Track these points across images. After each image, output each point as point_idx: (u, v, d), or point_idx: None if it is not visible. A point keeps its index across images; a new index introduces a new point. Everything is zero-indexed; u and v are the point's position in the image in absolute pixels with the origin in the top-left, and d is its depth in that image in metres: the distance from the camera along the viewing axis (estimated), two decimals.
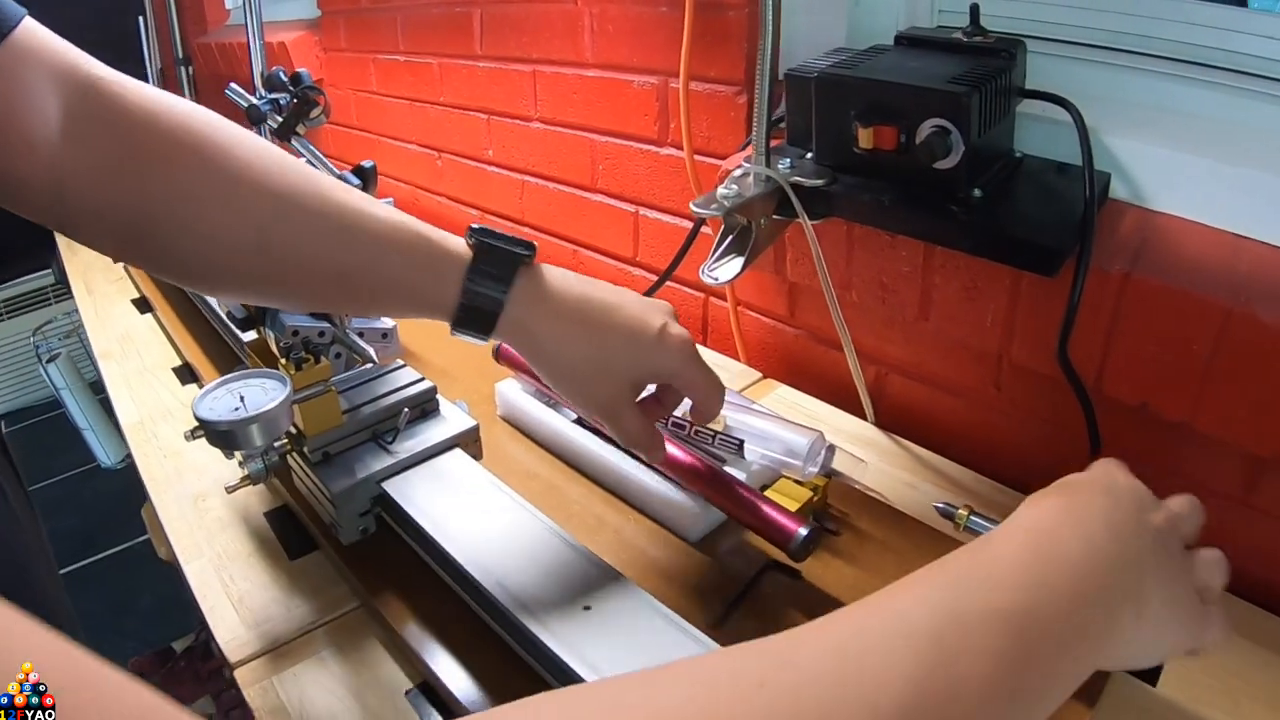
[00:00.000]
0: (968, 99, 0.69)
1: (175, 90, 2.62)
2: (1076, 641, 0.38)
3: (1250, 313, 0.65)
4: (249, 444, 0.67)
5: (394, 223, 0.59)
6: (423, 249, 0.59)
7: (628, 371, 0.60)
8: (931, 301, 0.84)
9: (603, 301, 0.61)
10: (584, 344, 0.59)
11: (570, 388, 0.61)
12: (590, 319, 0.60)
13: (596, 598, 0.58)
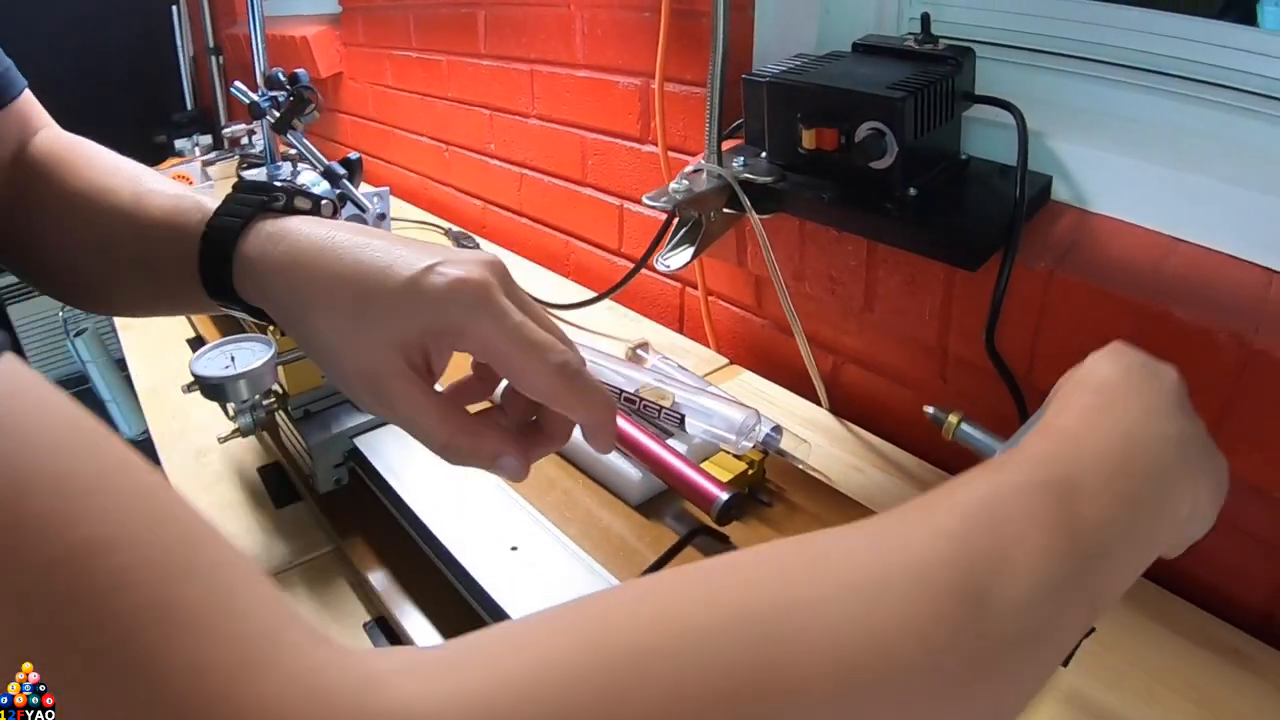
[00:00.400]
0: (902, 103, 0.75)
1: (205, 79, 2.72)
2: (1127, 513, 0.38)
3: (1166, 310, 0.69)
4: (237, 397, 0.75)
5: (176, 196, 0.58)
6: (187, 204, 0.57)
7: (386, 326, 0.44)
8: (876, 294, 0.90)
9: (352, 241, 0.47)
10: (326, 290, 0.46)
11: (321, 350, 0.47)
12: (334, 260, 0.46)
13: (524, 540, 0.65)
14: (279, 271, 0.48)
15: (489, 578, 0.62)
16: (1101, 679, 0.66)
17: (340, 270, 0.46)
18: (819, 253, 0.92)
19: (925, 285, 0.85)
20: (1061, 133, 0.84)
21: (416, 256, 0.45)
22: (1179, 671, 0.67)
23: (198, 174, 1.94)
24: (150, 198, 0.58)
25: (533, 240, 1.55)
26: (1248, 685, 0.65)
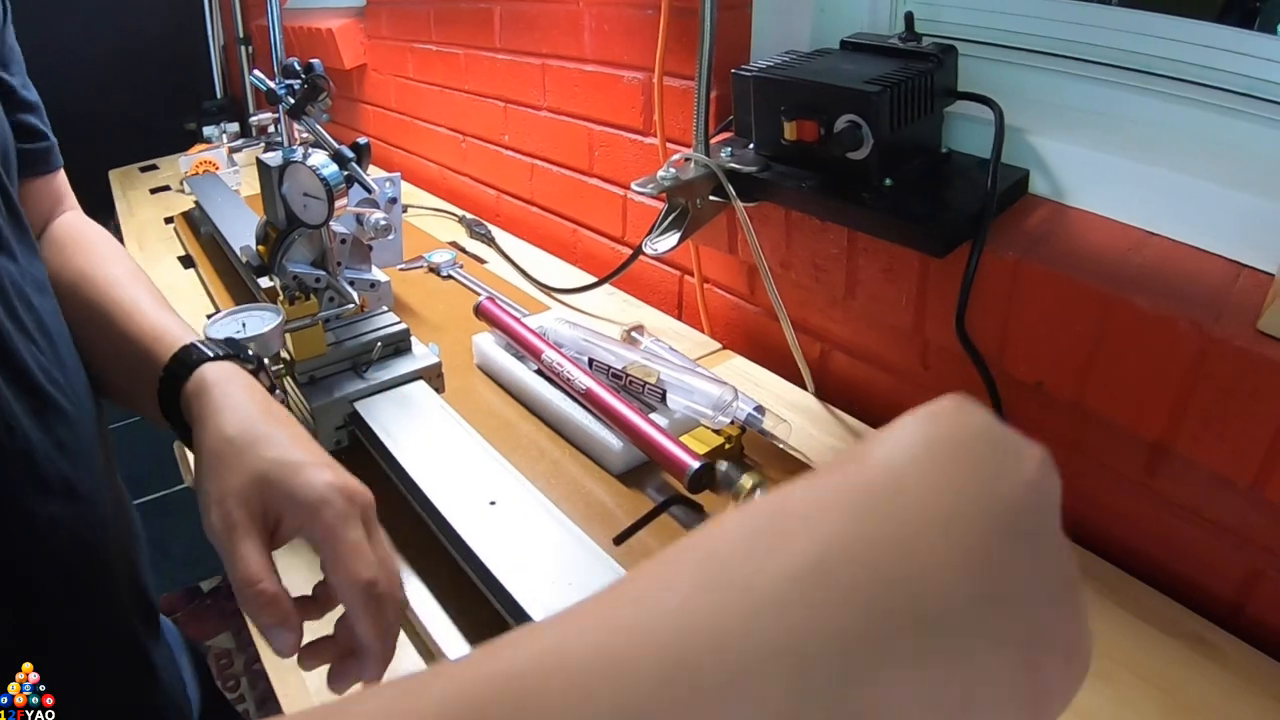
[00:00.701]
0: (877, 97, 0.79)
1: (235, 68, 2.79)
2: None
3: (1128, 299, 0.71)
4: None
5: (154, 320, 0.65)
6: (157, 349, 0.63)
7: (250, 473, 0.52)
8: (857, 281, 0.94)
9: (274, 421, 0.57)
10: (246, 426, 0.55)
11: (202, 465, 0.54)
12: (209, 463, 0.54)
13: (503, 496, 0.70)
14: (220, 400, 0.57)
15: (468, 529, 0.67)
16: None
17: (253, 430, 0.54)
18: (803, 241, 0.96)
19: (902, 273, 0.89)
20: (1042, 129, 0.87)
21: (305, 448, 0.54)
22: (1141, 657, 0.68)
23: (224, 159, 2.00)
24: (139, 311, 0.65)
25: (542, 228, 1.60)
26: (1212, 673, 0.67)
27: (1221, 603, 0.75)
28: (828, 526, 0.22)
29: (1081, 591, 0.26)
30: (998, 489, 0.24)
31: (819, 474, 0.24)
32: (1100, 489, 0.83)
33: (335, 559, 0.50)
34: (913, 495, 0.23)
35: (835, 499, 0.23)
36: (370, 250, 0.96)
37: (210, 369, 0.59)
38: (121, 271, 0.71)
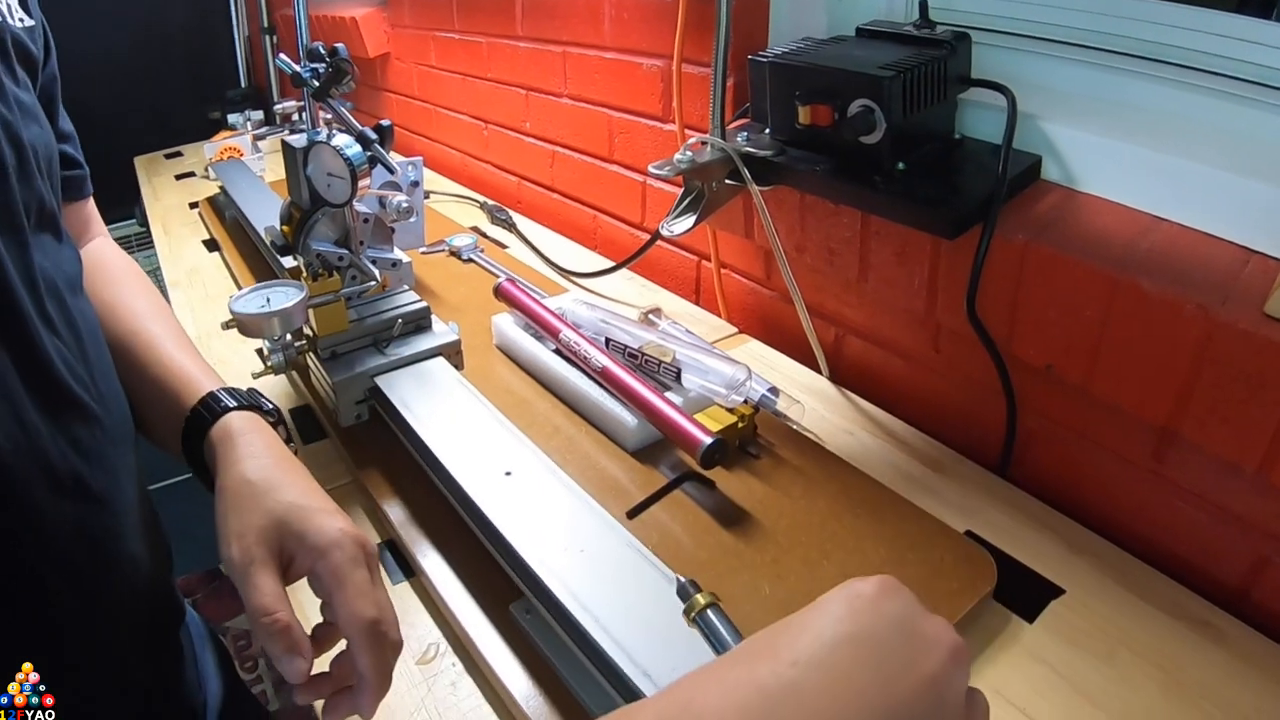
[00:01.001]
0: (890, 82, 0.80)
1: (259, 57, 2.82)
2: None
3: (1135, 282, 0.71)
4: (270, 333, 0.82)
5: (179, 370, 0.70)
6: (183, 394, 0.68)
7: (269, 514, 0.57)
8: (870, 265, 0.95)
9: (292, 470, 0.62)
10: (266, 471, 0.60)
11: (223, 504, 0.59)
12: (227, 503, 0.59)
13: (517, 467, 0.72)
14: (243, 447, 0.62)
15: (484, 499, 0.69)
16: (1064, 636, 0.69)
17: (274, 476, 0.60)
18: (818, 225, 0.97)
19: (914, 257, 0.90)
20: (1054, 115, 0.88)
21: (323, 499, 0.59)
22: (1144, 637, 0.69)
23: (248, 146, 2.03)
24: (162, 350, 0.71)
25: (563, 215, 1.62)
26: (1214, 656, 0.67)
27: (1227, 588, 0.76)
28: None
29: None
30: (898, 688, 0.27)
31: (736, 662, 0.28)
32: (1108, 474, 0.84)
33: (342, 597, 0.53)
34: (810, 704, 0.25)
35: (738, 701, 0.26)
36: (393, 232, 0.98)
37: (234, 418, 0.65)
38: (147, 306, 0.75)
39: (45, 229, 0.60)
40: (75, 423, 0.56)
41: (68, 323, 0.58)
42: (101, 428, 0.59)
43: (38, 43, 0.65)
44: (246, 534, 0.56)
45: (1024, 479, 0.90)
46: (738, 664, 0.28)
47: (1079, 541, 0.80)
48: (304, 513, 0.57)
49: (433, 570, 0.73)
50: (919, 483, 0.87)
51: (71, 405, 0.56)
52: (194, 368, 0.70)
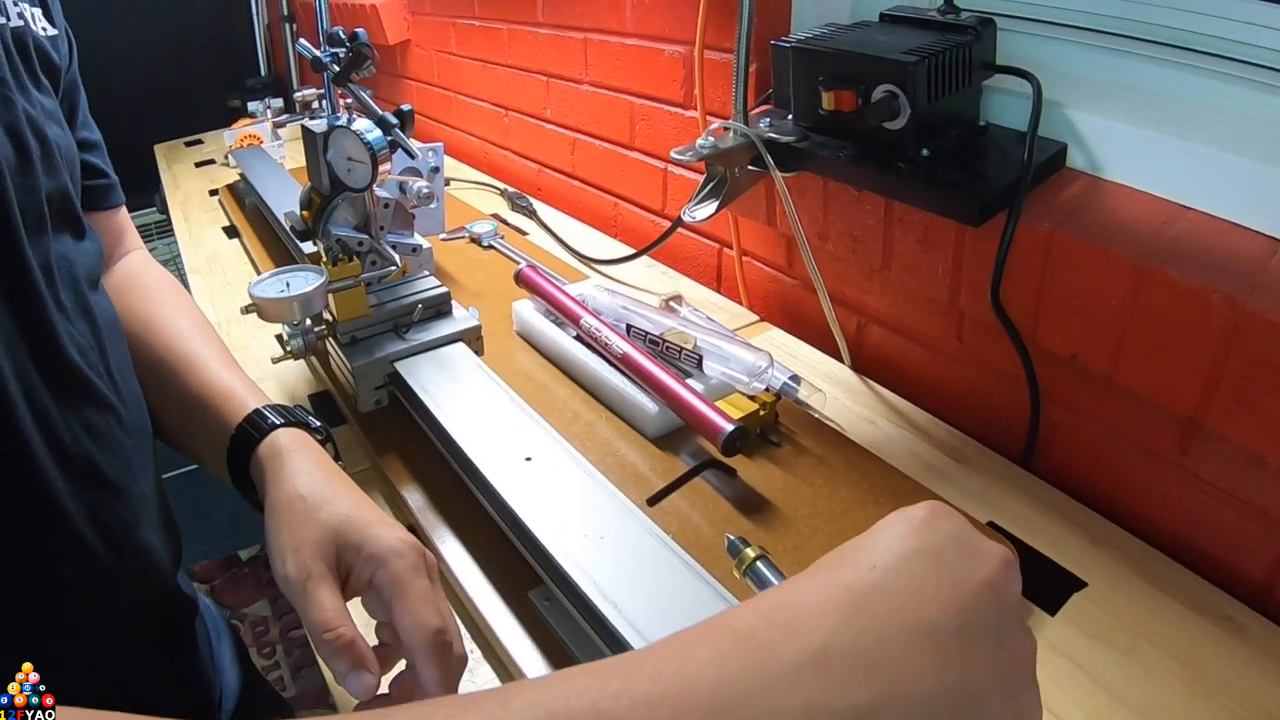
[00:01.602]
0: (914, 67, 0.79)
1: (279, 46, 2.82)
2: None
3: (1161, 271, 0.71)
4: (290, 318, 0.82)
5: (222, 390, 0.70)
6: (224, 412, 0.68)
7: (324, 528, 0.56)
8: (893, 253, 0.94)
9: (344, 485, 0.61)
10: (318, 484, 0.59)
11: (276, 520, 0.58)
12: (279, 519, 0.58)
13: (537, 453, 0.72)
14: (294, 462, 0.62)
15: (503, 484, 0.69)
16: (1085, 630, 0.68)
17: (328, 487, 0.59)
18: (840, 212, 0.97)
19: (938, 244, 0.89)
20: (1080, 103, 0.87)
21: (389, 518, 0.58)
22: (1166, 631, 0.68)
23: (268, 134, 2.04)
24: (205, 368, 0.71)
25: (584, 202, 1.62)
26: (1236, 652, 0.66)
27: (1251, 584, 0.75)
28: (828, 621, 0.29)
29: (1033, 688, 0.32)
30: (963, 591, 0.31)
31: (819, 570, 0.32)
32: (1132, 466, 0.83)
33: (405, 606, 0.52)
34: (893, 602, 0.30)
35: (832, 598, 0.30)
36: (413, 218, 0.98)
37: (282, 434, 0.64)
38: (188, 323, 0.75)
39: (66, 221, 0.61)
40: (89, 408, 0.57)
41: (84, 313, 0.59)
42: (116, 417, 0.60)
43: (60, 51, 0.66)
44: (302, 549, 0.54)
45: (1047, 470, 0.89)
46: (823, 571, 0.32)
47: (1102, 534, 0.79)
48: (360, 524, 0.56)
49: (452, 556, 0.73)
50: (941, 473, 0.87)
51: (86, 391, 0.57)
52: (238, 385, 0.70)
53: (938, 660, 0.29)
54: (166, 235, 3.04)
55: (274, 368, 1.04)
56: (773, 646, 0.28)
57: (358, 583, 0.55)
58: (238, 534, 2.56)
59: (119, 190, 0.78)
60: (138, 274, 0.79)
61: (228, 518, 2.61)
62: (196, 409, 0.69)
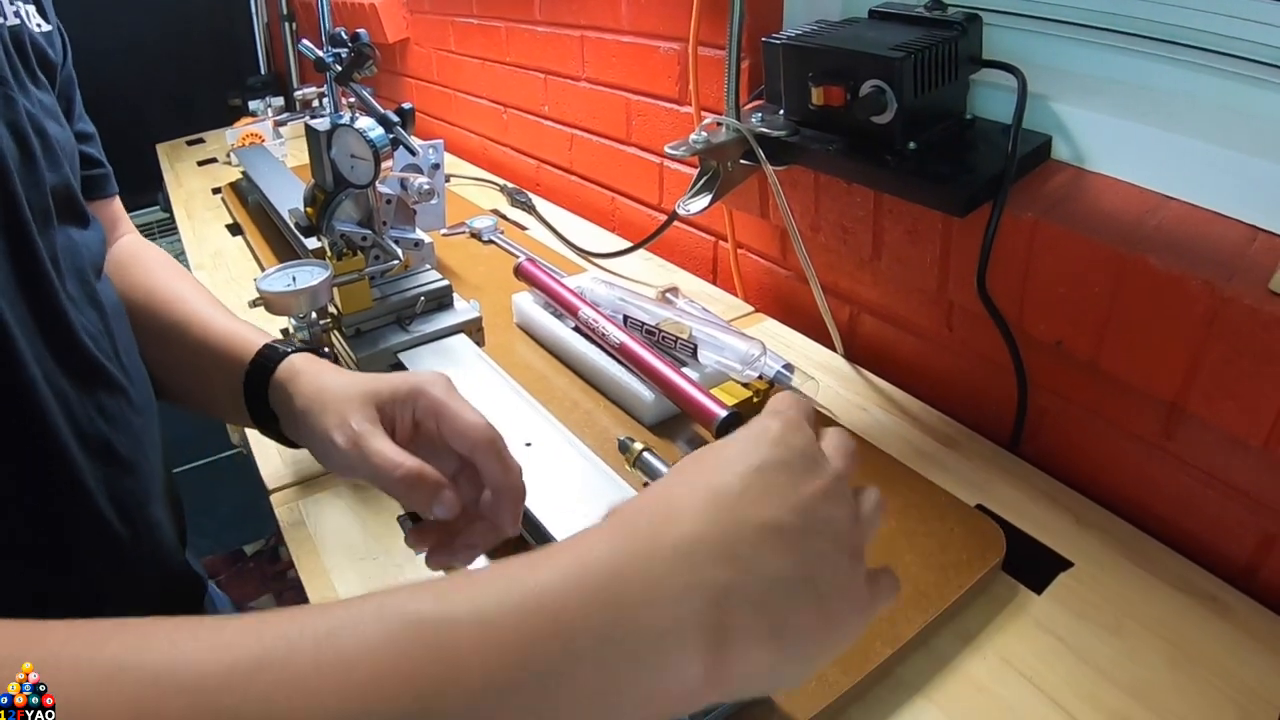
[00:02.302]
0: (901, 63, 0.81)
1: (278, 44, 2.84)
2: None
3: (1143, 259, 0.72)
4: (296, 310, 0.85)
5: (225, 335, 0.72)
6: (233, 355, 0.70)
7: (354, 397, 0.59)
8: (883, 243, 0.96)
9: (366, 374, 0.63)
10: (338, 374, 0.63)
11: (310, 417, 0.60)
12: (313, 412, 0.61)
13: (537, 438, 0.74)
14: (313, 373, 0.64)
15: None
16: (1072, 609, 0.70)
17: (361, 376, 0.62)
18: (831, 204, 0.99)
19: (925, 235, 0.91)
20: (1064, 96, 0.88)
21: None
22: (1152, 611, 0.70)
23: (269, 132, 2.06)
24: (212, 320, 0.73)
25: (581, 196, 1.64)
26: (1221, 630, 0.68)
27: (1235, 564, 0.76)
28: (699, 516, 0.35)
29: (859, 567, 0.39)
30: (803, 498, 0.37)
31: (689, 471, 0.38)
32: (1117, 450, 0.85)
33: (451, 419, 0.57)
34: (749, 502, 0.36)
35: (701, 497, 0.36)
36: (415, 213, 1.00)
37: (298, 358, 0.66)
38: (188, 287, 0.78)
39: (70, 213, 0.63)
40: (101, 390, 0.59)
41: (91, 300, 0.61)
42: (126, 397, 0.62)
43: (55, 47, 0.68)
44: (344, 422, 0.57)
45: (1035, 454, 0.91)
46: (694, 473, 0.38)
47: (1088, 516, 0.81)
48: (385, 380, 0.60)
49: None
50: (931, 458, 0.89)
51: (98, 374, 0.59)
52: (244, 329, 0.72)
53: (782, 549, 0.36)
54: (170, 233, 3.06)
55: None
56: (654, 536, 0.35)
57: (403, 427, 0.59)
58: (242, 528, 2.59)
59: (113, 179, 0.80)
60: (134, 252, 0.81)
61: (232, 512, 2.63)
62: (208, 358, 0.71)
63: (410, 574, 0.75)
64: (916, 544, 0.73)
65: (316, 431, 0.59)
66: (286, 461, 0.89)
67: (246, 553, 2.53)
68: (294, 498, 0.84)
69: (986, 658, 0.66)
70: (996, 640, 0.68)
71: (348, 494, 0.84)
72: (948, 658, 0.66)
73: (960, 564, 0.71)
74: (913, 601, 0.67)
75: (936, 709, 0.62)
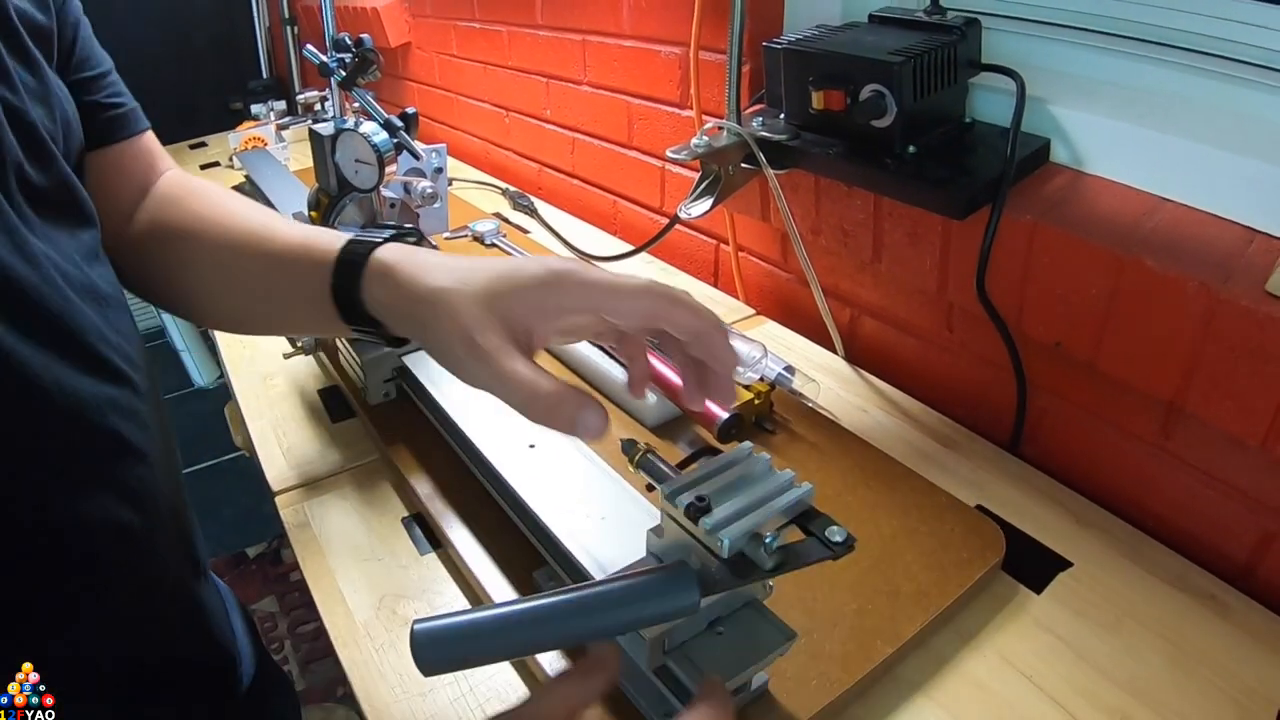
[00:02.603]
0: (900, 68, 0.82)
1: (280, 48, 2.85)
2: None
3: (1140, 260, 0.73)
4: None
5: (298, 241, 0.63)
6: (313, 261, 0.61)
7: (476, 305, 0.49)
8: (883, 246, 0.97)
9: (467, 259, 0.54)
10: (448, 270, 0.52)
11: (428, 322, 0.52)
12: (429, 318, 0.51)
13: (540, 441, 0.75)
14: (412, 267, 0.54)
15: (509, 470, 0.72)
16: (1071, 607, 0.71)
17: (468, 262, 0.52)
18: (832, 207, 1.00)
19: (925, 238, 0.92)
20: (1063, 99, 0.89)
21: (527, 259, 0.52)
22: (1150, 609, 0.70)
23: (272, 136, 2.07)
24: (281, 228, 0.65)
25: (583, 200, 1.65)
26: (1219, 629, 0.69)
27: (1234, 563, 0.77)
28: None
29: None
30: None
31: None
32: (1116, 450, 0.86)
33: (611, 293, 0.49)
34: None
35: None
36: (418, 217, 1.01)
37: (387, 250, 0.57)
38: (241, 205, 0.71)
39: (65, 205, 0.60)
40: (108, 385, 0.57)
41: (90, 294, 0.59)
42: (133, 387, 0.60)
43: (47, 10, 0.62)
44: (467, 331, 0.49)
45: (1034, 455, 0.92)
46: None
47: (1087, 516, 0.82)
48: (503, 277, 0.50)
49: (459, 541, 0.76)
50: (931, 458, 0.89)
51: (103, 369, 0.57)
52: (320, 232, 0.63)
53: None
54: None
55: (285, 363, 1.07)
56: None
57: (545, 331, 0.51)
58: (245, 531, 2.59)
59: (140, 114, 0.73)
60: (181, 183, 0.75)
61: (236, 514, 2.64)
62: (281, 269, 0.63)
63: (414, 575, 0.76)
64: (917, 544, 0.74)
65: (431, 338, 0.52)
66: (291, 464, 0.90)
67: (249, 555, 2.54)
68: (299, 500, 0.85)
69: (986, 656, 0.67)
70: (996, 639, 0.68)
71: (352, 495, 0.85)
72: (948, 656, 0.67)
73: (960, 563, 0.72)
74: (913, 601, 0.68)
75: (937, 707, 0.63)
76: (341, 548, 0.79)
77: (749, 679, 0.58)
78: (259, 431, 0.96)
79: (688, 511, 0.49)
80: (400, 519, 0.82)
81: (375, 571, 0.76)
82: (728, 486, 0.51)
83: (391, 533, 0.81)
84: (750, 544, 0.48)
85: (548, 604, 0.44)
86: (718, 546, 0.48)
